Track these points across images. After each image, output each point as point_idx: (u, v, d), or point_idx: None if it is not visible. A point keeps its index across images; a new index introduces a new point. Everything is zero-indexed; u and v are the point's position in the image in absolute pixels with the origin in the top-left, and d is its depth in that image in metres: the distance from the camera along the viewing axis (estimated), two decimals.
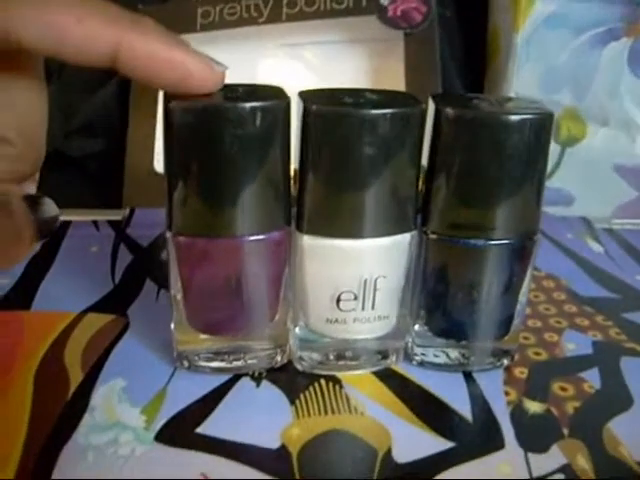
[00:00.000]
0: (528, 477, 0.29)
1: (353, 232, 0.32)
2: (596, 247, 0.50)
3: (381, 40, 0.56)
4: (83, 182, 0.57)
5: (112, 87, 0.58)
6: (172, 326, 0.34)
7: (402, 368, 0.36)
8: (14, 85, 0.28)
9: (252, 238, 0.31)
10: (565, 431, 0.32)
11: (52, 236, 0.30)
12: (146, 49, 0.27)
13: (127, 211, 0.52)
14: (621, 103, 0.54)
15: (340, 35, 0.57)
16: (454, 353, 0.36)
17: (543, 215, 0.34)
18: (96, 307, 0.40)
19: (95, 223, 0.51)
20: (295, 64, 0.58)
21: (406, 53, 0.54)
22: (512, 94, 0.55)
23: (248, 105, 0.29)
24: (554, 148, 0.56)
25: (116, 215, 0.51)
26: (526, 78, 0.55)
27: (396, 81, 0.54)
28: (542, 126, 0.31)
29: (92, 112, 0.59)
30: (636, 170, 0.56)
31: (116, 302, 0.41)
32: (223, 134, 0.29)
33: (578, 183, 0.57)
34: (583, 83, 0.55)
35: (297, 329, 0.35)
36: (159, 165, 0.53)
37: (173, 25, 0.53)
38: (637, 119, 0.54)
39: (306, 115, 0.30)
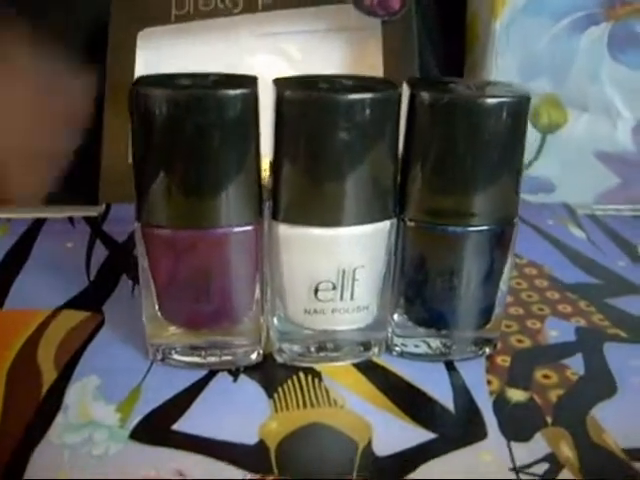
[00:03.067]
0: (511, 466, 0.29)
1: (330, 220, 0.31)
2: (578, 233, 0.50)
3: (359, 29, 0.55)
4: (59, 178, 0.56)
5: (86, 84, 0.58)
6: (144, 319, 0.33)
7: (383, 359, 0.35)
8: None
9: (222, 230, 0.31)
10: (549, 419, 0.32)
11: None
12: None
13: (103, 207, 0.51)
14: (601, 88, 0.54)
15: (317, 24, 0.56)
16: (435, 343, 0.35)
17: (524, 202, 0.33)
18: (71, 304, 0.39)
19: (71, 220, 0.50)
20: (272, 54, 0.58)
21: (384, 41, 0.53)
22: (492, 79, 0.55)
23: (217, 93, 0.28)
24: (535, 135, 0.55)
25: (92, 211, 0.51)
26: (505, 65, 0.55)
27: (374, 70, 0.53)
28: (519, 109, 0.30)
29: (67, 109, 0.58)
30: (618, 156, 0.55)
31: (91, 298, 0.40)
32: (189, 122, 0.28)
33: (559, 170, 0.56)
34: (563, 69, 0.54)
35: (275, 320, 0.34)
36: None
37: (147, 17, 0.53)
38: (617, 104, 0.54)
39: (279, 101, 0.29)
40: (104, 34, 0.53)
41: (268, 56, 0.57)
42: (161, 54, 0.55)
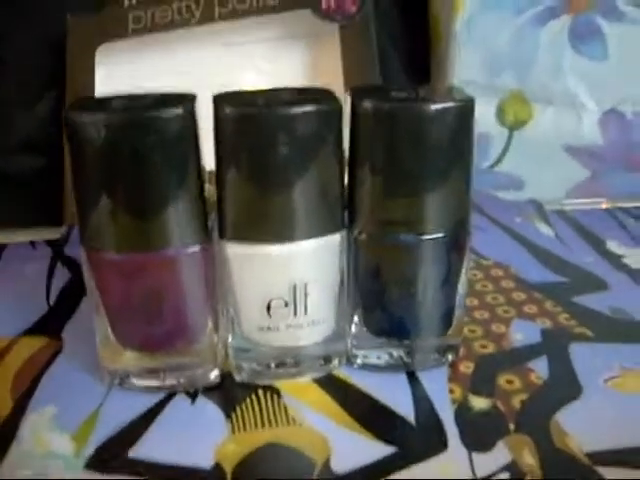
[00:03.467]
0: (472, 478, 0.28)
1: (278, 236, 0.30)
2: (546, 230, 0.49)
3: (317, 34, 0.54)
4: (22, 200, 0.55)
5: (49, 102, 0.57)
6: (97, 344, 0.33)
7: (344, 372, 0.35)
8: None
9: (169, 252, 0.30)
10: (511, 426, 0.31)
11: None
12: None
13: (65, 229, 0.50)
14: (565, 81, 0.54)
15: (276, 31, 0.55)
16: (397, 352, 0.35)
17: (492, 200, 0.33)
18: (30, 330, 0.39)
19: (32, 243, 0.49)
20: (234, 63, 0.57)
21: (342, 46, 0.53)
22: (455, 80, 0.54)
23: (152, 115, 0.28)
24: (501, 132, 0.55)
25: (54, 234, 0.50)
26: (468, 62, 0.54)
27: (335, 76, 0.53)
28: (463, 114, 0.30)
29: (30, 128, 0.57)
30: (585, 149, 0.55)
31: (50, 324, 0.39)
32: (125, 146, 0.28)
33: (529, 166, 0.55)
34: (525, 63, 0.54)
35: (231, 339, 0.33)
36: None
37: (104, 32, 0.53)
38: (582, 97, 0.54)
39: (218, 119, 0.29)
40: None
41: (231, 65, 0.57)
42: (122, 69, 0.55)
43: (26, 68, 0.56)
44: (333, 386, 0.34)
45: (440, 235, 0.32)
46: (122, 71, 0.55)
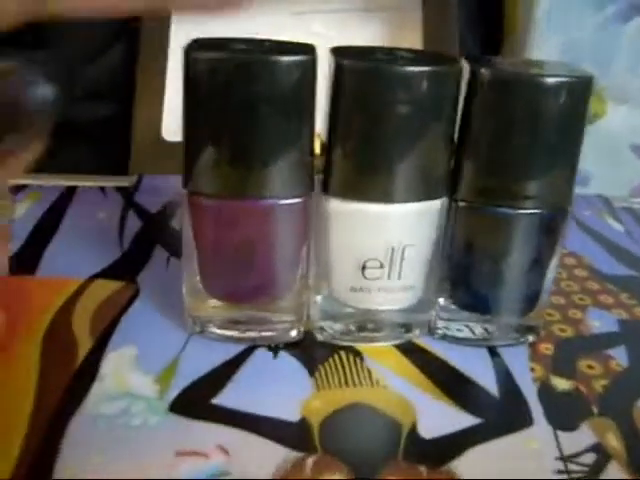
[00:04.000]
0: (559, 455, 0.28)
1: (382, 197, 0.30)
2: (616, 225, 0.49)
3: (398, 8, 0.54)
4: (90, 149, 0.55)
5: (117, 52, 0.57)
6: (184, 291, 0.33)
7: (424, 342, 0.35)
8: None
9: (271, 202, 0.30)
10: (594, 409, 0.31)
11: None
12: None
13: (135, 177, 0.50)
14: None
15: (355, 3, 0.55)
16: (477, 328, 0.34)
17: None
18: (104, 274, 0.39)
19: (102, 189, 0.49)
20: (307, 34, 0.57)
21: (424, 22, 0.52)
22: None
23: (274, 59, 0.28)
24: None
25: (123, 182, 0.50)
26: (545, 52, 0.54)
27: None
28: (581, 90, 0.30)
29: (98, 78, 0.57)
30: None
31: (125, 269, 0.39)
32: (243, 89, 0.28)
33: (595, 162, 0.55)
34: (604, 59, 0.53)
35: (319, 298, 0.33)
36: (166, 132, 0.52)
37: None
38: None
39: (338, 71, 0.29)
40: None
41: (303, 36, 0.56)
42: (196, 29, 0.54)
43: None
44: (414, 353, 0.34)
45: (539, 213, 0.31)
46: (195, 31, 0.54)
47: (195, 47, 0.28)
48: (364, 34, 0.56)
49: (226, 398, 0.30)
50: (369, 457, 0.28)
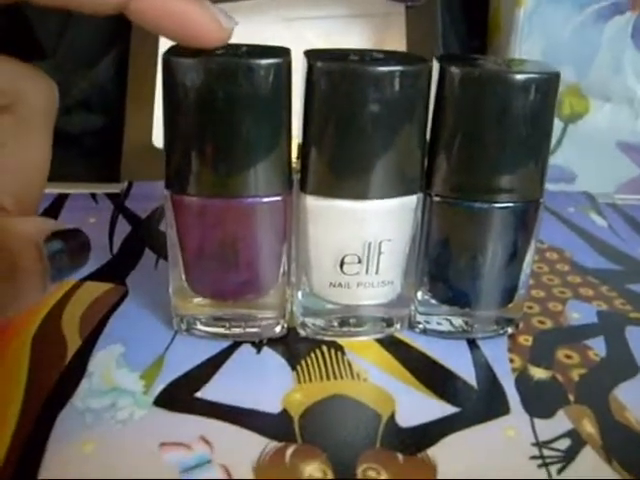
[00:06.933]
0: (534, 441, 0.29)
1: (358, 193, 0.31)
2: (599, 221, 0.50)
3: (382, 14, 0.55)
4: (81, 158, 0.56)
5: (109, 62, 0.58)
6: (170, 290, 0.33)
7: (405, 336, 0.35)
8: (12, 145, 0.26)
9: (251, 200, 0.31)
10: (571, 397, 0.32)
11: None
12: (153, 2, 0.26)
13: (125, 184, 0.51)
14: (624, 79, 0.54)
15: (340, 10, 0.56)
16: (457, 321, 0.35)
17: (546, 190, 0.33)
18: (94, 276, 0.40)
19: (93, 196, 0.50)
20: (294, 39, 0.58)
21: (407, 27, 0.53)
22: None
23: (250, 62, 0.28)
24: (556, 125, 0.55)
25: (114, 188, 0.51)
26: (528, 54, 0.54)
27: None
28: (549, 85, 0.30)
29: (89, 88, 0.58)
30: (639, 147, 0.55)
31: (114, 271, 0.40)
32: (221, 92, 0.28)
33: (580, 160, 0.56)
34: (586, 58, 0.54)
35: (300, 294, 0.34)
36: (157, 139, 0.53)
37: None
38: None
39: (311, 72, 0.30)
40: None
41: (290, 41, 0.57)
42: None
43: (87, 29, 0.57)
44: (395, 347, 0.35)
45: (513, 206, 0.32)
46: None
47: (173, 53, 0.29)
48: (349, 40, 0.57)
49: (210, 392, 0.31)
50: (347, 446, 0.28)
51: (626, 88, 0.54)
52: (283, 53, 0.30)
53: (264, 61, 0.29)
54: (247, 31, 0.56)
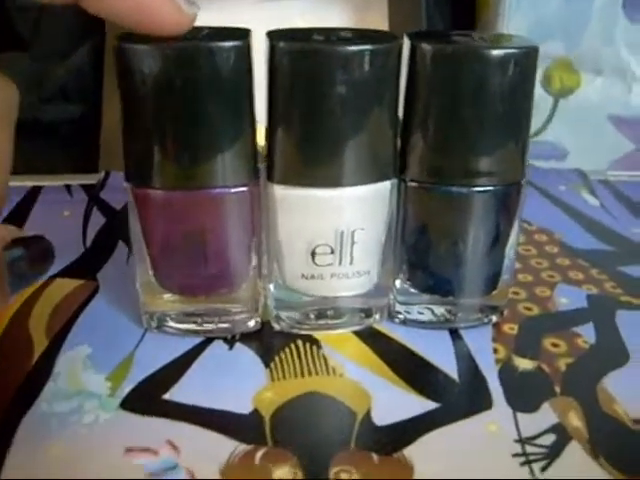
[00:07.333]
0: (517, 438, 0.28)
1: (327, 180, 0.30)
2: (591, 199, 0.48)
3: None
4: (58, 148, 0.55)
5: (85, 53, 0.57)
6: (137, 286, 0.32)
7: (385, 327, 0.34)
8: None
9: (217, 191, 0.29)
10: (557, 389, 0.30)
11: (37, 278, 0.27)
12: None
13: (102, 175, 0.50)
14: (616, 51, 0.52)
15: None
16: (439, 309, 0.34)
17: (536, 168, 0.32)
18: (65, 272, 0.38)
19: (68, 188, 0.49)
20: (276, 18, 0.56)
21: (390, 5, 0.52)
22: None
23: (206, 45, 0.27)
24: (547, 100, 0.54)
25: (90, 179, 0.49)
26: (516, 28, 0.53)
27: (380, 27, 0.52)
28: (526, 61, 0.29)
29: (66, 78, 0.57)
30: (632, 121, 0.53)
31: (86, 266, 0.39)
32: (178, 78, 0.27)
33: (572, 136, 0.54)
34: (575, 31, 0.52)
35: (272, 287, 0.33)
36: None
37: None
38: (633, 66, 0.52)
39: (273, 53, 0.28)
40: None
41: (272, 19, 0.56)
42: None
43: (62, 19, 0.56)
44: (373, 339, 0.33)
45: (494, 189, 0.31)
46: None
47: (126, 39, 0.28)
48: (332, 18, 0.55)
49: (178, 393, 0.30)
50: (320, 447, 0.27)
51: (618, 60, 0.52)
52: (243, 35, 0.28)
53: (223, 44, 0.27)
54: (225, 13, 0.55)
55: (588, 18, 0.52)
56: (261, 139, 0.30)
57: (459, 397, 0.30)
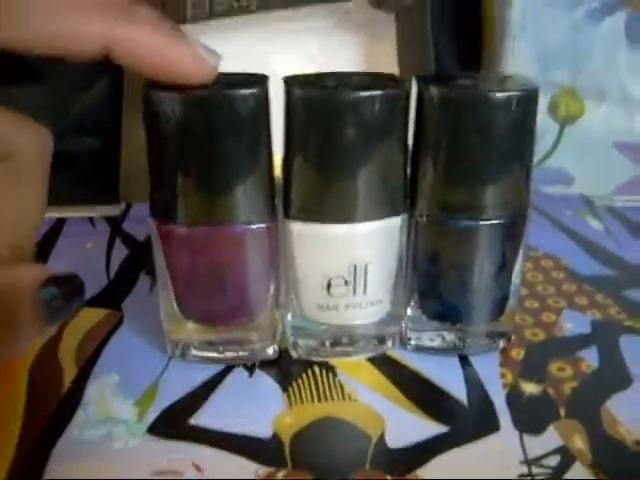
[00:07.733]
0: (523, 459, 0.29)
1: (341, 217, 0.31)
2: (596, 225, 0.50)
3: (372, 24, 0.55)
4: (78, 181, 0.57)
5: (104, 85, 0.58)
6: (162, 315, 0.34)
7: (397, 353, 0.36)
8: (7, 196, 0.26)
9: (237, 228, 0.31)
10: (562, 412, 0.32)
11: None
12: (136, 45, 0.26)
13: (123, 206, 0.52)
14: (619, 78, 0.53)
15: (332, 20, 0.56)
16: (449, 336, 0.35)
17: (542, 194, 0.33)
18: (90, 302, 0.40)
19: (91, 220, 0.51)
20: (290, 51, 0.58)
21: (398, 37, 0.53)
22: (508, 73, 0.54)
23: (227, 93, 0.29)
24: (552, 127, 0.55)
25: (113, 211, 0.51)
26: (522, 56, 0.54)
27: (389, 65, 0.53)
28: (527, 102, 0.30)
29: (84, 110, 0.58)
30: (636, 147, 0.55)
31: (110, 297, 0.41)
32: (201, 123, 0.29)
33: (578, 162, 0.56)
34: (580, 59, 0.54)
35: (290, 316, 0.34)
36: None
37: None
38: (636, 94, 0.53)
39: (290, 100, 0.30)
40: None
41: (286, 53, 0.58)
42: None
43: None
44: (387, 366, 0.35)
45: (499, 222, 0.32)
46: None
47: (153, 85, 0.30)
48: (342, 49, 0.57)
49: (202, 418, 0.31)
50: (337, 468, 0.29)
51: (621, 87, 0.54)
52: (261, 81, 0.30)
53: (242, 91, 0.29)
54: (242, 46, 0.57)
55: (592, 46, 0.53)
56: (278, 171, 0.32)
57: (468, 421, 0.31)
